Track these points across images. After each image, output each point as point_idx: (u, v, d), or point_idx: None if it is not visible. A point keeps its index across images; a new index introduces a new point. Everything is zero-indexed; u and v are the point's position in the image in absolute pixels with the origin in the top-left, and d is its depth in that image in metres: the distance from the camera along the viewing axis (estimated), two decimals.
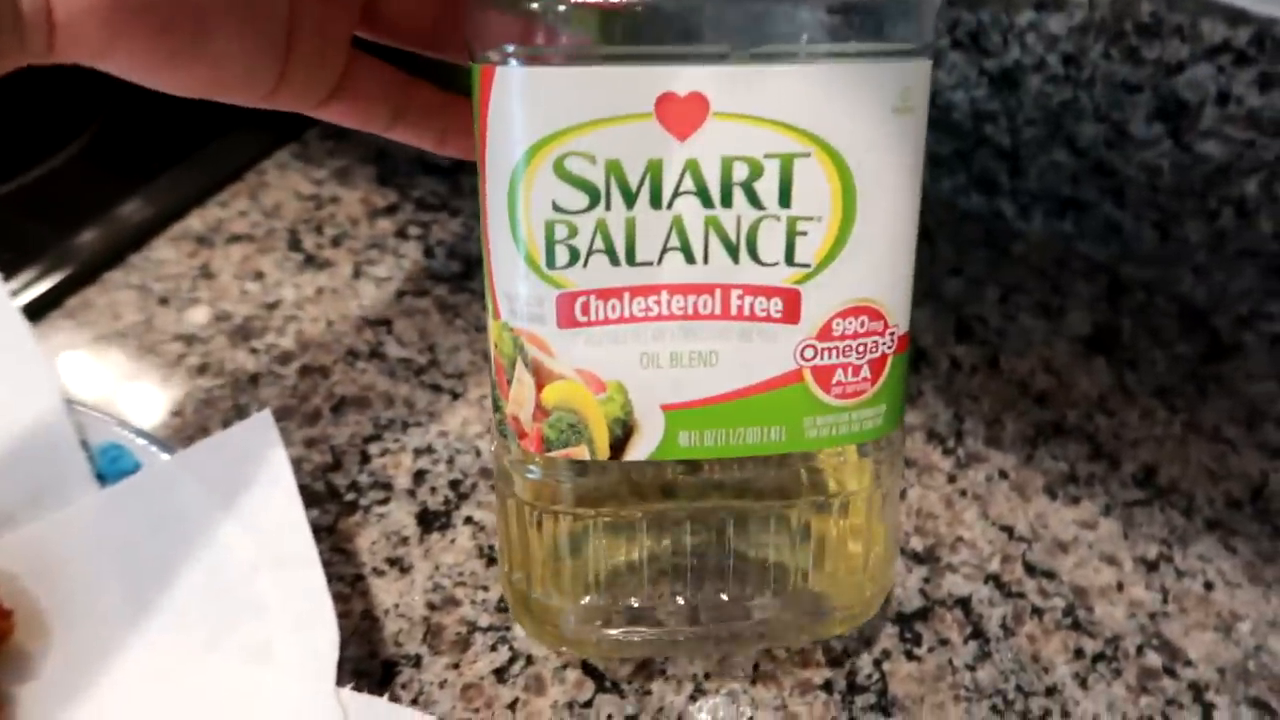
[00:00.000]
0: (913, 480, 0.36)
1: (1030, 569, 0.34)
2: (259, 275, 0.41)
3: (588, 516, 0.26)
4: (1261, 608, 0.33)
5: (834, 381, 0.25)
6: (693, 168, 0.23)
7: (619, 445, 0.25)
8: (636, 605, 0.27)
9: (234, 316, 0.39)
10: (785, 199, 0.23)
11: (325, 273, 0.41)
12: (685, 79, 0.22)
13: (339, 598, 0.31)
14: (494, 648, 0.30)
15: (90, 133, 0.46)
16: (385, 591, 0.31)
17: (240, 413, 0.36)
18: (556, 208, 0.23)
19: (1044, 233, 0.46)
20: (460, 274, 0.42)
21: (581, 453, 0.25)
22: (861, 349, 0.25)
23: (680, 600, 0.27)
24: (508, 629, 0.31)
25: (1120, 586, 0.33)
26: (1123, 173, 0.42)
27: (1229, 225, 0.41)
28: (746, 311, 0.24)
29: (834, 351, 0.25)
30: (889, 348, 0.26)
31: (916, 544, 0.34)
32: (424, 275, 0.41)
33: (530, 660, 0.30)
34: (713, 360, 0.24)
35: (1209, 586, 0.34)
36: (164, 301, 0.40)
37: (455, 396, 0.37)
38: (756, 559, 0.28)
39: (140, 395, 0.36)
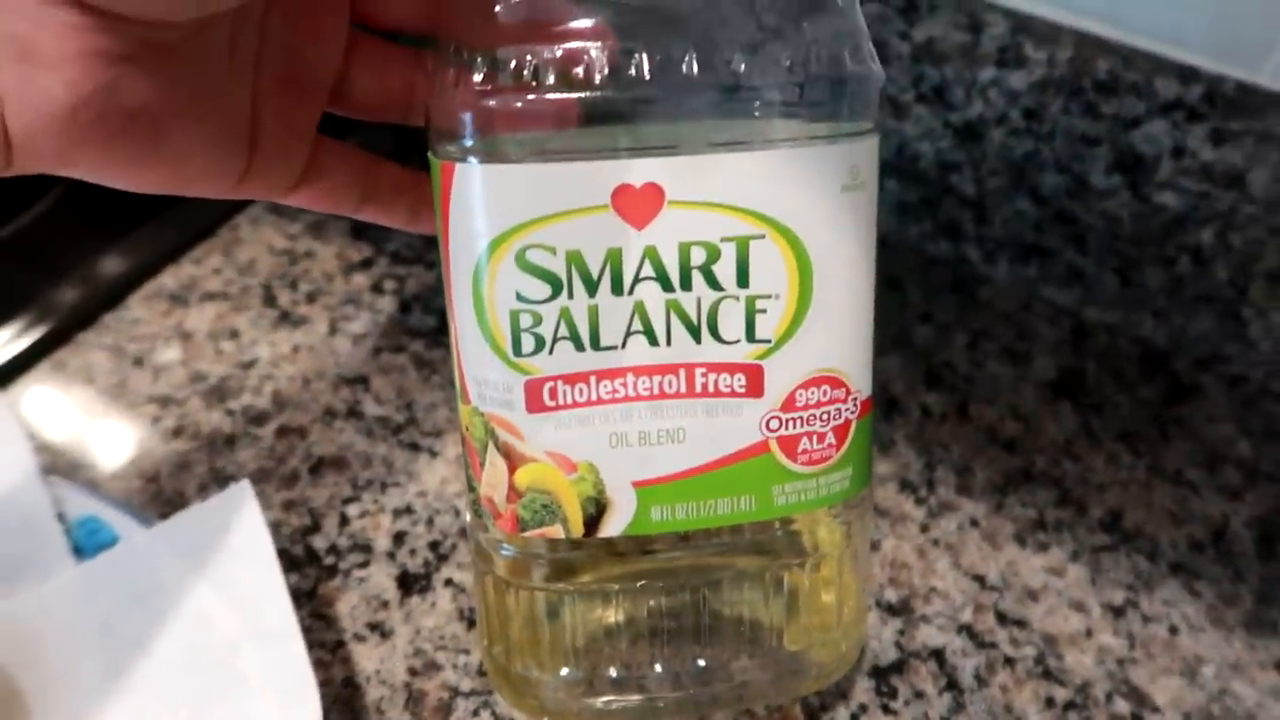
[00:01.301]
0: (886, 530, 0.36)
1: (1002, 618, 0.34)
2: (234, 334, 0.41)
3: (565, 590, 0.27)
4: (1224, 651, 0.34)
5: (800, 449, 0.26)
6: (651, 254, 0.23)
7: (592, 523, 0.25)
8: (616, 674, 0.28)
9: (209, 377, 0.39)
10: (743, 279, 0.24)
11: (301, 330, 0.41)
12: (639, 171, 0.23)
13: (320, 665, 0.31)
14: (476, 713, 0.30)
15: (62, 187, 0.46)
16: (366, 658, 0.31)
17: (216, 476, 0.36)
18: (520, 298, 0.23)
19: (1009, 278, 0.47)
20: (436, 328, 0.42)
21: (556, 532, 0.25)
22: (825, 417, 0.26)
23: (659, 667, 0.28)
24: (490, 694, 0.31)
25: (1089, 633, 0.34)
26: (1084, 221, 0.43)
27: (1186, 271, 0.42)
28: (711, 388, 0.25)
29: (798, 421, 0.25)
30: (852, 413, 0.26)
31: (891, 595, 0.35)
32: (400, 331, 0.42)
33: None
34: (680, 436, 0.25)
35: (1174, 631, 0.35)
36: (138, 362, 0.40)
37: (433, 455, 0.37)
38: (733, 619, 0.28)
39: (115, 461, 0.36)
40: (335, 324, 0.42)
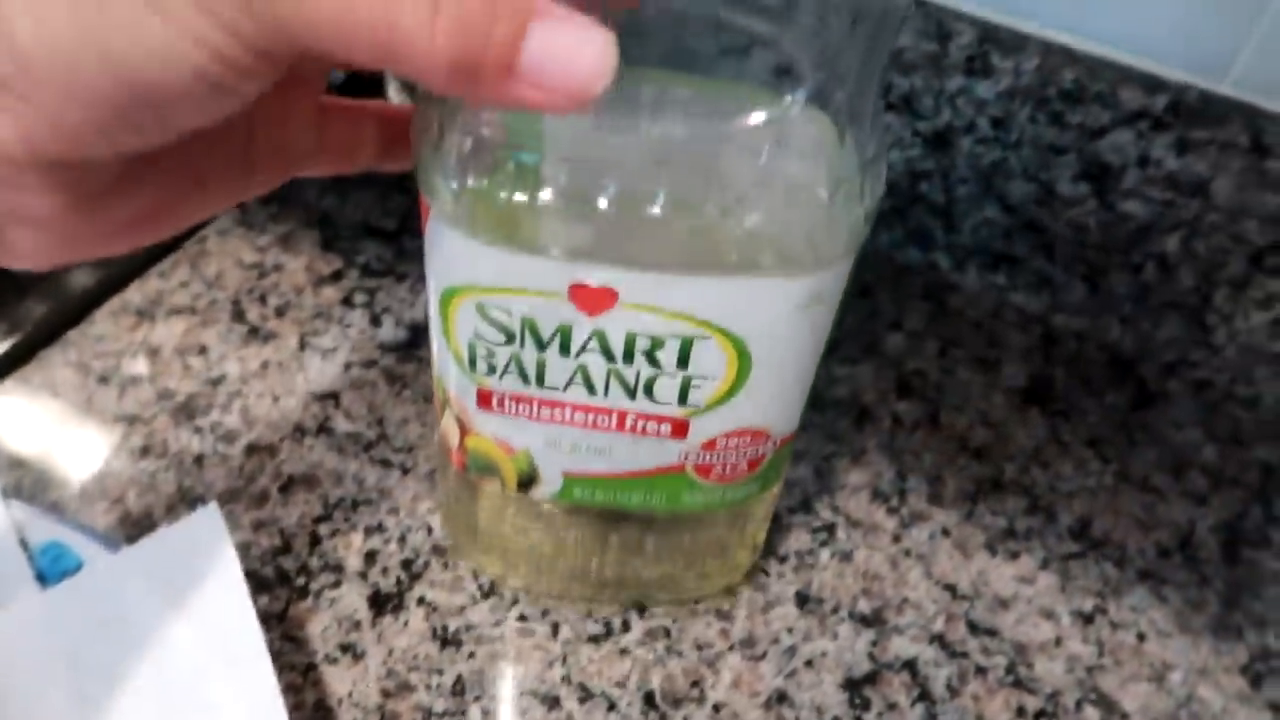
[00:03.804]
0: (859, 541, 0.37)
1: (973, 627, 0.35)
2: (202, 349, 0.40)
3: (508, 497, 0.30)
4: (1191, 657, 0.35)
5: (713, 473, 0.28)
6: (600, 337, 0.24)
7: (524, 486, 0.29)
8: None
9: (177, 394, 0.39)
10: (683, 364, 0.25)
11: (270, 345, 0.41)
12: (598, 275, 0.23)
13: (291, 688, 0.31)
14: None
15: None
16: (338, 680, 0.31)
17: (185, 496, 0.35)
18: (478, 335, 0.25)
19: (979, 285, 0.47)
20: (407, 342, 0.42)
21: (495, 485, 0.30)
22: (743, 453, 0.28)
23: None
24: (462, 714, 0.31)
25: (1059, 641, 0.35)
26: (1052, 229, 0.44)
27: (1152, 278, 0.43)
28: (640, 430, 0.27)
29: (716, 456, 0.28)
30: (771, 450, 0.28)
31: (864, 606, 0.35)
32: (371, 345, 0.41)
33: None
34: (608, 453, 0.28)
35: (1141, 637, 0.35)
36: (104, 380, 0.39)
37: (405, 471, 0.37)
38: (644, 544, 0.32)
39: (81, 480, 0.36)
40: (305, 339, 0.41)
